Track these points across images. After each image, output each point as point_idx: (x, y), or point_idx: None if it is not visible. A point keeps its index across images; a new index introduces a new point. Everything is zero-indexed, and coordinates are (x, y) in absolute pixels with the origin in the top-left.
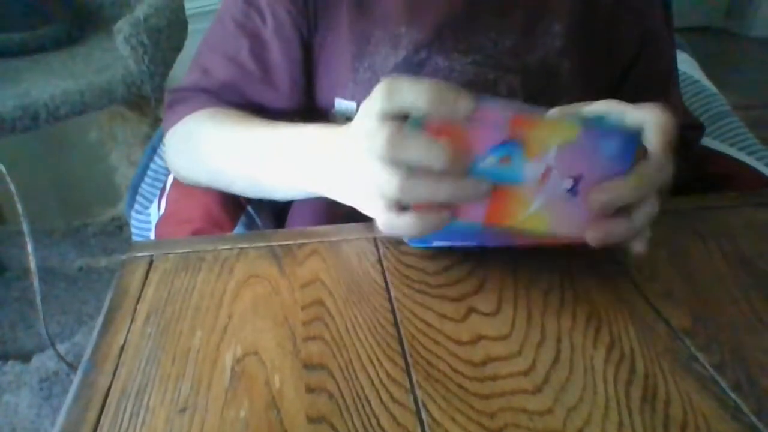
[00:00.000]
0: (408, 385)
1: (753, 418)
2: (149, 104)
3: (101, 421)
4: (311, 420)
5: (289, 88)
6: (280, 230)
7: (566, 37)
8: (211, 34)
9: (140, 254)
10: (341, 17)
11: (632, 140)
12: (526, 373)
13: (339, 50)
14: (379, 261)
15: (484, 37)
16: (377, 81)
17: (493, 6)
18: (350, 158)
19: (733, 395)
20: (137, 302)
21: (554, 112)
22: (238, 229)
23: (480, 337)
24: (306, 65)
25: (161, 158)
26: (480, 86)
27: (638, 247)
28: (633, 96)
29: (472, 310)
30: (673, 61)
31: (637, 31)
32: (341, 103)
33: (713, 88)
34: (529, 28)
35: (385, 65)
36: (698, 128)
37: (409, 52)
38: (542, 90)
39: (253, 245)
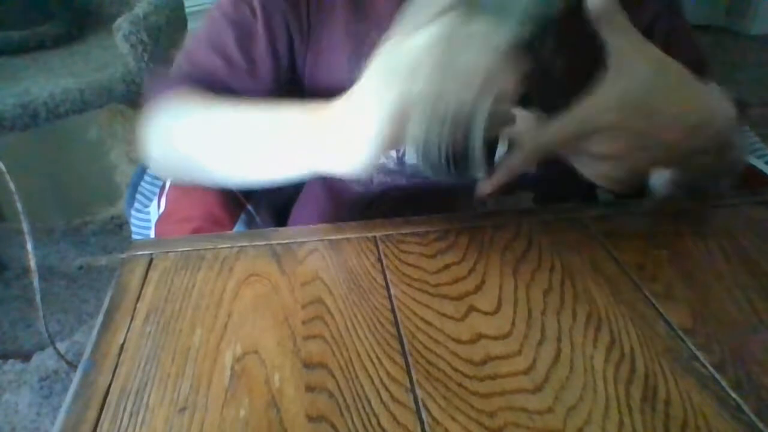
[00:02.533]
0: (408, 384)
1: (753, 417)
2: None
3: (101, 420)
4: (311, 419)
5: (272, 83)
6: (279, 229)
7: (560, 34)
8: (200, 31)
9: (140, 253)
10: (337, 18)
11: None
12: (526, 372)
13: (335, 51)
14: (379, 260)
15: None
16: None
17: None
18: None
19: (733, 394)
20: (137, 301)
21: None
22: (238, 227)
23: (480, 336)
24: (291, 64)
25: None
26: None
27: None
28: None
29: (472, 308)
30: (693, 53)
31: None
32: None
33: None
34: None
35: None
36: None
37: None
38: (535, 89)
39: (253, 244)
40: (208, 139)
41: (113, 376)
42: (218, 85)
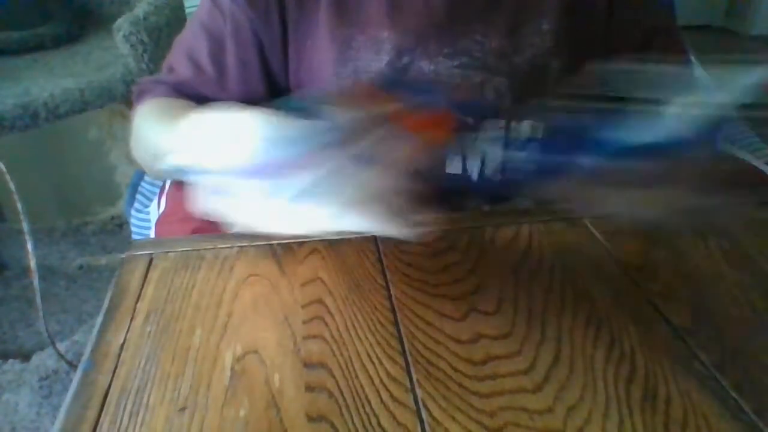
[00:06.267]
0: (408, 384)
1: (753, 417)
2: None
3: (101, 420)
4: (311, 419)
5: (242, 92)
6: None
7: (556, 36)
8: (183, 33)
9: (140, 253)
10: (320, 22)
11: None
12: (526, 372)
13: (320, 56)
14: (379, 260)
15: (470, 39)
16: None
17: (477, 8)
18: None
19: (733, 394)
20: (137, 301)
21: None
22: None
23: (480, 336)
24: (264, 70)
25: None
26: (467, 90)
27: None
28: None
29: (472, 309)
30: (685, 58)
31: (638, 28)
32: None
33: None
34: (515, 29)
35: (368, 70)
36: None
37: (392, 57)
38: (530, 90)
39: (253, 244)
40: (153, 138)
41: (113, 376)
42: (191, 92)
